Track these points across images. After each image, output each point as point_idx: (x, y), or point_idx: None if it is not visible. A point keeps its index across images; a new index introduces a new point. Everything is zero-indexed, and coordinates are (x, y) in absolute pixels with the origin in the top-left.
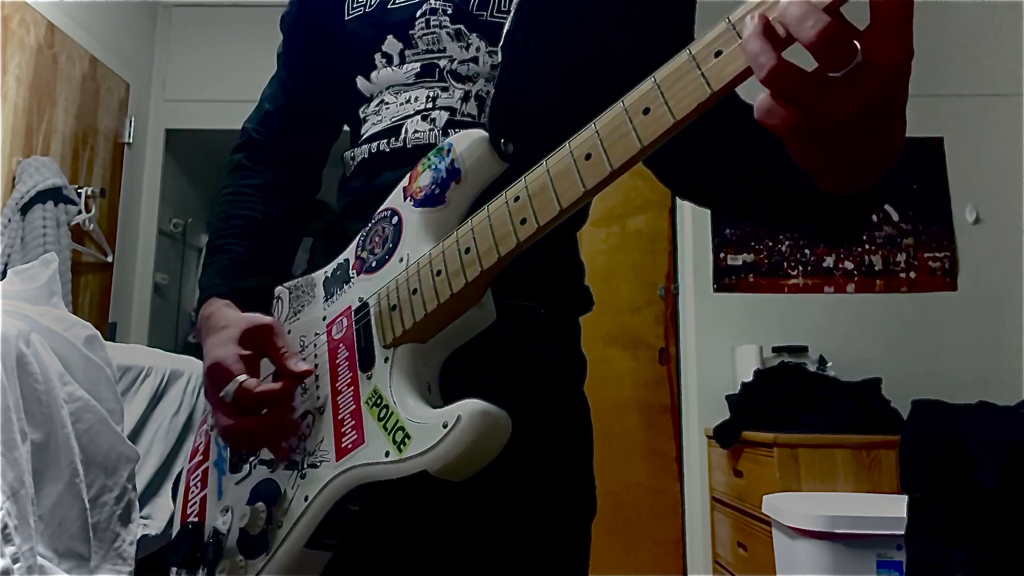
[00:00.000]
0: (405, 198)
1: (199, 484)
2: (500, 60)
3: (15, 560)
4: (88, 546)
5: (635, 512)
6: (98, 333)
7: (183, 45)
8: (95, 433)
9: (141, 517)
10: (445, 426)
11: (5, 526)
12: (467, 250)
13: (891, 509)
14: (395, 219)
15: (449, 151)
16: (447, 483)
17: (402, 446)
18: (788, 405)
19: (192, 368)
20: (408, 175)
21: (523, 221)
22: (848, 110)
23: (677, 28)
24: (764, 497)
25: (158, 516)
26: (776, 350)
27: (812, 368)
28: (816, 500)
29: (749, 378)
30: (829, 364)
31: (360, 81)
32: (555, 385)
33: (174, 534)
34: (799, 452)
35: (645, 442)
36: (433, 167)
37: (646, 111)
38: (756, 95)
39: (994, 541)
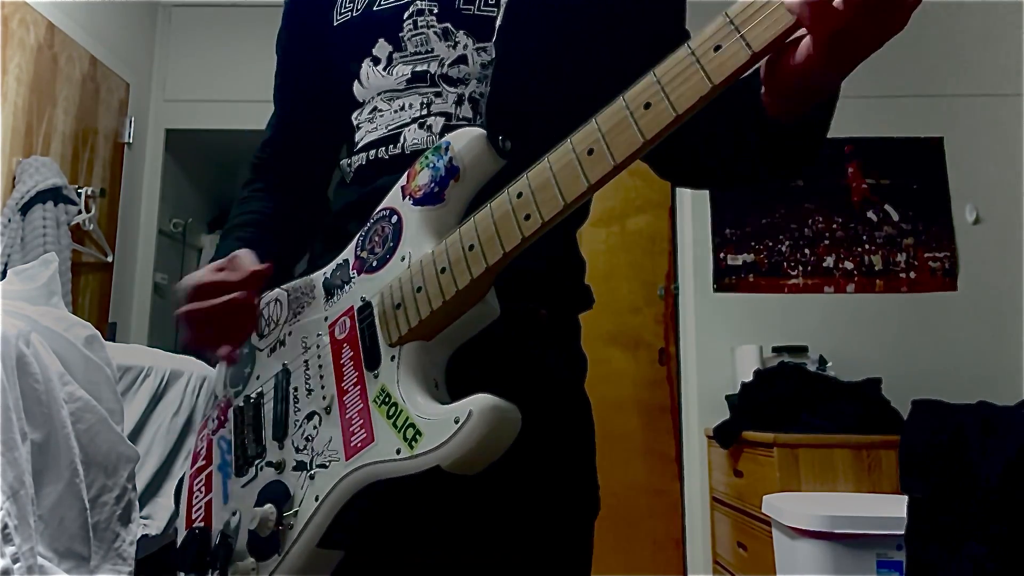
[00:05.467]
0: (404, 197)
1: (203, 489)
2: (493, 57)
3: (15, 560)
4: (88, 546)
5: (635, 512)
6: (98, 333)
7: (183, 45)
8: (95, 433)
9: (141, 517)
10: (457, 421)
11: (5, 526)
12: (471, 247)
13: (891, 509)
14: (394, 218)
15: (447, 149)
16: (453, 482)
17: (413, 443)
18: (788, 405)
19: (192, 368)
20: (406, 174)
21: (527, 217)
22: (900, 20)
23: (668, 18)
24: (764, 497)
25: (158, 516)
26: (776, 350)
27: (812, 368)
28: (816, 500)
29: (749, 378)
30: (829, 364)
31: (356, 87)
32: (556, 386)
33: (179, 540)
34: (799, 452)
35: (645, 442)
36: (431, 165)
37: (647, 106)
38: None
39: (994, 541)
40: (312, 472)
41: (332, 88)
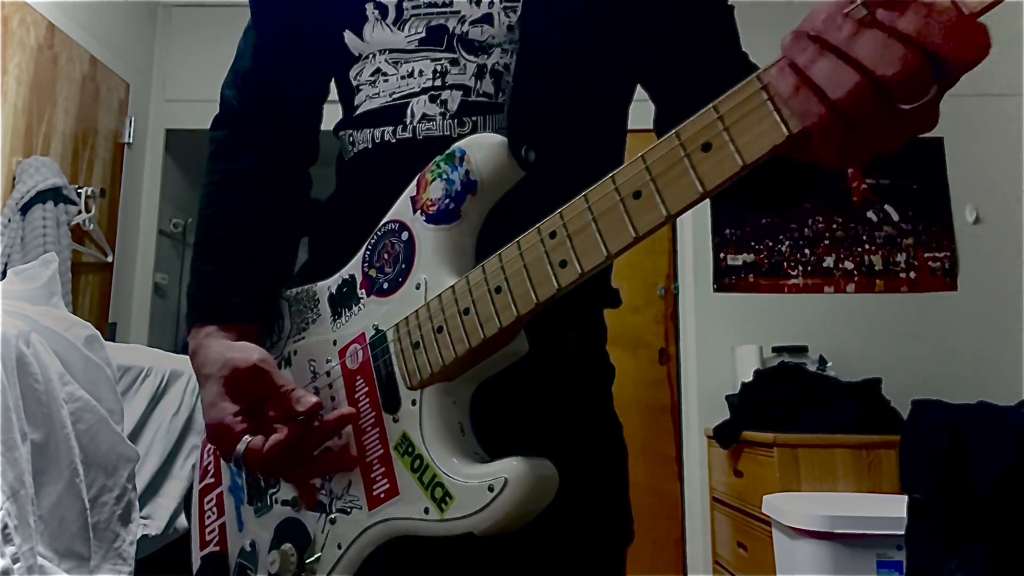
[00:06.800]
0: (415, 211)
1: (215, 510)
2: (521, 16)
3: (15, 560)
4: (88, 546)
5: (635, 512)
6: (98, 333)
7: (183, 45)
8: (95, 433)
9: (141, 517)
10: (491, 489)
11: (5, 526)
12: (498, 289)
13: (891, 509)
14: (405, 235)
15: (463, 160)
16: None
17: (443, 504)
18: (788, 405)
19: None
20: (416, 182)
21: (563, 264)
22: (902, 137)
23: (698, 14)
24: (764, 497)
25: (158, 516)
26: (776, 350)
27: (812, 368)
28: (816, 500)
29: (749, 378)
30: (829, 364)
31: (348, 36)
32: (587, 419)
33: (195, 564)
34: (799, 452)
35: (645, 442)
36: (445, 177)
37: (706, 147)
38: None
39: (994, 541)
40: (332, 516)
41: (325, 33)
